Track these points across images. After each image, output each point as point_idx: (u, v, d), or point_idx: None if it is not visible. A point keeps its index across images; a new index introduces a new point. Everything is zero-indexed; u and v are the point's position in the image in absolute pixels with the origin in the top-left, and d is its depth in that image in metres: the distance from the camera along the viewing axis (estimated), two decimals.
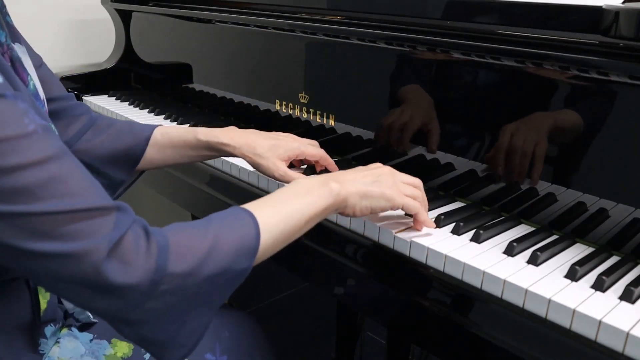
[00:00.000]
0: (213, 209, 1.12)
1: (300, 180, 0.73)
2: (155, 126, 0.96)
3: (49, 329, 0.76)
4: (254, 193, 1.00)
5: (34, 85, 0.75)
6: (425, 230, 0.79)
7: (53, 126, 0.69)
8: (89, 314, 0.82)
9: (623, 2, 0.69)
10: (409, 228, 0.80)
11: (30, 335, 0.73)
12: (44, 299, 0.73)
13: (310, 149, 0.94)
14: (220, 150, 0.93)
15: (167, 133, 0.95)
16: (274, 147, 0.91)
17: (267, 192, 0.98)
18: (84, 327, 0.83)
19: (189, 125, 1.32)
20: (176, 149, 0.95)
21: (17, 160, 0.51)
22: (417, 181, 0.79)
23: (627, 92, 0.71)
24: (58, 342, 0.79)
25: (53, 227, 0.52)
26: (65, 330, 0.81)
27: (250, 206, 0.66)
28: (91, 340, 0.81)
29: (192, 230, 0.60)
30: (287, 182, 0.88)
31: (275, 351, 0.99)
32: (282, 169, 0.89)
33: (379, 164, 0.80)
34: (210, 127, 0.95)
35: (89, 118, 0.94)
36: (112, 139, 0.93)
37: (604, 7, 0.69)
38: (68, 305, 0.81)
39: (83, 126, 0.93)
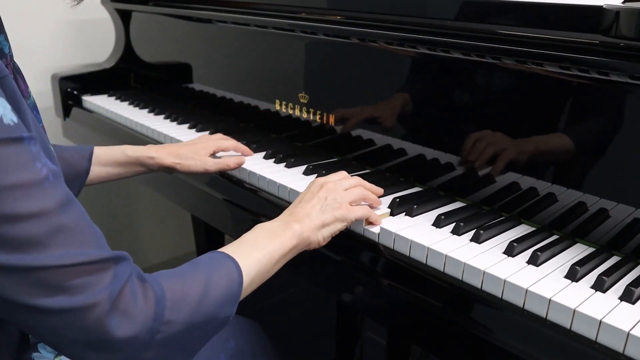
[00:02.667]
0: (213, 208, 1.12)
1: (264, 225, 0.75)
2: (92, 147, 1.00)
3: (40, 344, 0.75)
4: (253, 193, 1.00)
5: (33, 98, 0.74)
6: (424, 229, 0.79)
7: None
8: None
9: (623, 2, 0.69)
10: (407, 228, 0.80)
11: (20, 355, 0.71)
12: None
13: (223, 142, 1.05)
14: (147, 164, 1.01)
15: (99, 151, 1.00)
16: (193, 150, 1.01)
17: (266, 192, 0.98)
18: None
19: (189, 126, 1.32)
20: (105, 167, 1.00)
21: (29, 208, 0.50)
22: (355, 180, 0.84)
23: (627, 92, 0.71)
24: (59, 356, 0.77)
25: (60, 280, 0.51)
26: None
27: (230, 251, 0.68)
28: None
29: (185, 278, 0.60)
30: (221, 168, 1.01)
31: (280, 358, 0.99)
32: (210, 161, 1.00)
33: (317, 181, 0.82)
34: (210, 127, 0.96)
35: None
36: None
37: (604, 6, 0.69)
38: None
39: None
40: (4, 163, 0.49)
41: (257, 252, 0.70)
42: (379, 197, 0.87)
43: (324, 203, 0.78)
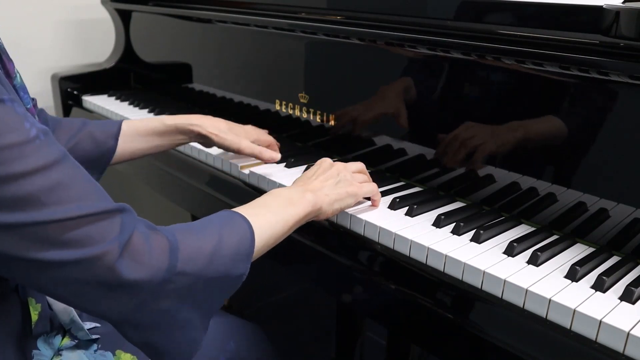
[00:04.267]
0: (213, 209, 1.12)
1: (281, 191, 0.77)
2: (121, 121, 0.99)
3: (40, 340, 0.74)
4: (253, 194, 1.00)
5: (20, 78, 0.73)
6: (424, 229, 0.79)
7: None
8: (87, 332, 0.79)
9: (623, 2, 0.69)
10: (407, 228, 0.80)
11: (21, 347, 0.71)
12: (35, 310, 0.71)
13: (265, 136, 1.06)
14: (187, 131, 0.99)
15: (132, 123, 0.98)
16: (234, 129, 1.01)
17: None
18: (83, 344, 0.80)
19: None
20: (142, 138, 0.99)
21: (22, 167, 0.50)
22: (361, 165, 0.89)
23: (627, 92, 0.71)
24: (60, 354, 0.76)
25: (63, 234, 0.52)
26: (67, 341, 0.78)
27: (243, 211, 0.68)
28: (95, 351, 0.80)
29: (198, 232, 0.61)
30: (253, 153, 0.98)
31: (280, 359, 0.99)
32: (245, 142, 0.98)
33: (327, 160, 0.86)
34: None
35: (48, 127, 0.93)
36: (84, 142, 0.95)
37: (604, 7, 0.69)
38: (64, 319, 0.78)
39: None
40: None
41: (271, 215, 0.70)
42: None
43: (337, 179, 0.82)
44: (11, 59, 0.73)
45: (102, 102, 1.56)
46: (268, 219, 0.70)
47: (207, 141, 1.01)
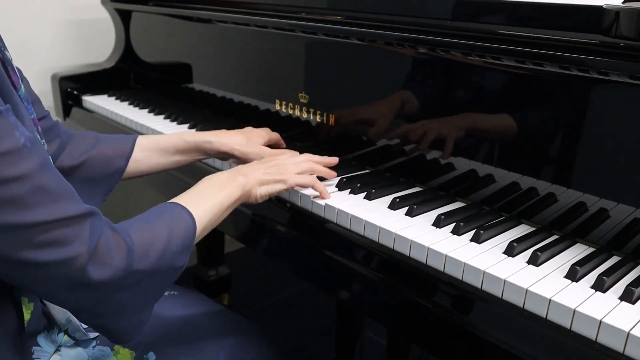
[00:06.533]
0: None
1: (215, 176, 0.83)
2: (135, 137, 1.00)
3: (41, 337, 0.76)
4: None
5: (24, 89, 0.76)
6: (424, 229, 0.79)
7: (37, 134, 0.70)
8: (84, 331, 0.80)
9: (623, 2, 0.69)
10: (407, 228, 0.80)
11: (18, 345, 0.72)
12: (27, 309, 0.74)
13: (272, 134, 1.09)
14: (205, 149, 1.01)
15: (153, 139, 1.00)
16: (250, 139, 1.03)
17: None
18: (81, 342, 0.81)
19: (189, 125, 1.32)
20: (164, 154, 1.00)
21: (11, 172, 0.55)
22: (305, 156, 0.94)
23: (627, 92, 0.71)
24: (59, 351, 0.77)
25: (43, 236, 0.57)
26: (65, 338, 0.80)
27: (182, 202, 0.74)
28: (94, 347, 0.80)
29: (150, 231, 0.67)
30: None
31: (279, 357, 0.99)
32: (267, 150, 1.01)
33: (275, 152, 0.96)
34: (210, 127, 0.96)
35: (59, 142, 0.94)
36: (94, 160, 0.96)
37: (604, 7, 0.69)
38: (60, 320, 0.79)
39: (57, 149, 0.93)
40: None
41: (207, 203, 0.76)
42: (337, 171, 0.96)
43: (269, 168, 0.88)
44: (16, 70, 0.75)
45: (102, 102, 1.56)
46: (205, 207, 0.75)
47: (227, 157, 1.03)
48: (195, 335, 0.90)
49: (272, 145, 1.07)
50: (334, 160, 0.97)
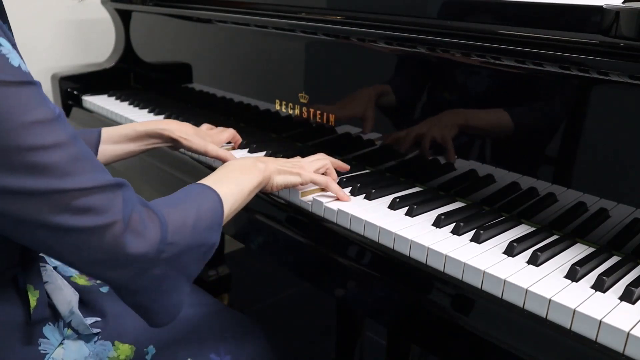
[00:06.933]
0: None
1: (236, 162, 0.87)
2: (100, 130, 1.03)
3: (47, 329, 0.76)
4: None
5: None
6: (424, 229, 0.79)
7: None
8: (88, 326, 0.81)
9: (623, 2, 0.69)
10: (407, 228, 0.80)
11: (25, 333, 0.74)
12: (33, 297, 0.74)
13: (225, 135, 1.15)
14: (157, 135, 1.05)
15: (106, 131, 1.04)
16: (199, 134, 1.08)
17: (266, 195, 0.98)
18: (84, 337, 0.81)
19: None
20: (116, 144, 1.04)
21: (50, 139, 0.57)
22: (321, 155, 0.98)
23: (627, 92, 0.71)
24: (62, 344, 0.78)
25: (80, 201, 0.58)
26: (69, 331, 0.80)
27: (209, 183, 0.77)
28: (95, 342, 0.81)
29: (180, 206, 0.69)
30: (219, 156, 1.05)
31: (277, 354, 0.99)
32: (211, 146, 1.06)
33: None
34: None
35: None
36: None
37: (604, 7, 0.69)
38: (63, 312, 0.79)
39: None
40: (27, 102, 0.57)
41: (233, 185, 0.79)
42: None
43: (286, 162, 0.93)
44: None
45: (102, 102, 1.56)
46: (231, 189, 0.78)
47: (176, 145, 1.07)
48: (195, 330, 0.90)
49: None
50: (346, 167, 1.01)
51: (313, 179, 0.92)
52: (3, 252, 0.71)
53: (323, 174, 0.95)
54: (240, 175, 0.82)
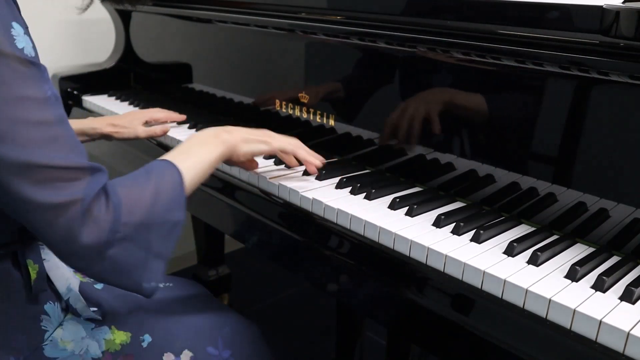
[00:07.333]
0: (213, 208, 1.12)
1: (200, 133, 0.87)
2: None
3: (49, 307, 0.80)
4: (253, 193, 1.00)
5: None
6: (424, 229, 0.79)
7: None
8: (85, 305, 0.84)
9: (623, 2, 0.69)
10: (407, 228, 0.80)
11: (26, 308, 0.77)
12: (33, 270, 0.78)
13: (157, 114, 1.26)
14: (89, 134, 1.17)
15: None
16: (128, 120, 1.19)
17: (267, 192, 0.98)
18: (81, 323, 0.84)
19: (189, 126, 1.32)
20: None
21: (36, 116, 0.62)
22: (295, 139, 0.96)
23: (627, 92, 0.71)
24: (62, 325, 0.81)
25: (48, 176, 0.62)
26: (69, 315, 0.84)
27: (170, 158, 0.78)
28: (92, 329, 0.84)
29: (138, 185, 0.70)
30: (150, 135, 1.20)
31: (275, 354, 1.00)
32: (141, 129, 1.18)
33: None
34: (208, 127, 0.97)
35: None
36: None
37: (604, 6, 0.69)
38: (61, 288, 0.83)
39: None
40: (24, 79, 0.62)
41: (193, 158, 0.80)
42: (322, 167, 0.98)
43: (255, 130, 0.93)
44: None
45: (102, 102, 1.56)
46: (192, 163, 0.79)
47: (109, 138, 1.18)
48: (193, 323, 0.92)
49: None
50: (319, 162, 0.96)
51: (282, 146, 0.92)
52: (3, 229, 0.75)
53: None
54: (202, 147, 0.83)
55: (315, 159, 0.94)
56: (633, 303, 0.63)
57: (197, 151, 0.82)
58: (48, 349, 0.79)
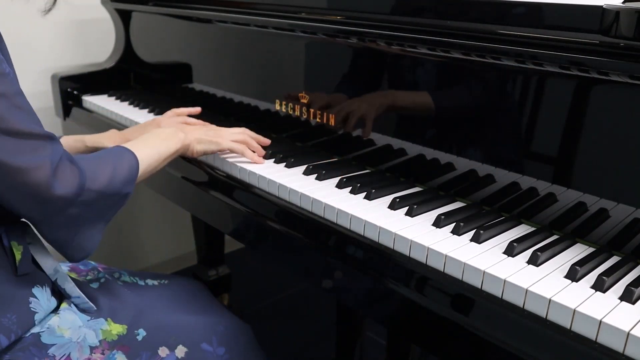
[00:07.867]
0: (213, 208, 1.12)
1: (159, 130, 1.02)
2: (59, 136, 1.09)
3: (36, 289, 0.82)
4: (253, 193, 1.00)
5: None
6: (424, 229, 0.79)
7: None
8: (90, 303, 0.87)
9: (623, 2, 0.69)
10: (407, 228, 0.80)
11: (15, 290, 0.80)
12: (18, 251, 0.82)
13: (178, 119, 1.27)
14: (96, 149, 1.17)
15: (63, 140, 1.11)
16: (140, 129, 1.17)
17: (266, 192, 0.98)
18: (77, 314, 0.86)
19: None
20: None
21: (1, 89, 0.69)
22: (242, 129, 1.11)
23: (627, 92, 0.71)
24: (58, 313, 0.83)
25: (17, 143, 0.70)
26: (64, 305, 0.86)
27: (129, 146, 0.90)
28: (89, 321, 0.86)
29: (99, 163, 0.82)
30: None
31: (268, 355, 1.01)
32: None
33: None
34: None
35: None
36: None
37: (604, 6, 0.69)
38: (48, 269, 0.85)
39: None
40: None
41: (149, 149, 0.94)
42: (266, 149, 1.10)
43: (208, 131, 1.08)
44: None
45: (102, 102, 1.56)
46: (148, 153, 0.92)
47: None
48: (188, 320, 0.93)
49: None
50: (267, 141, 1.11)
51: (231, 146, 1.05)
52: None
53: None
54: (159, 142, 0.96)
55: (258, 158, 1.05)
56: (633, 303, 0.63)
57: (154, 144, 0.95)
58: (45, 336, 0.81)
